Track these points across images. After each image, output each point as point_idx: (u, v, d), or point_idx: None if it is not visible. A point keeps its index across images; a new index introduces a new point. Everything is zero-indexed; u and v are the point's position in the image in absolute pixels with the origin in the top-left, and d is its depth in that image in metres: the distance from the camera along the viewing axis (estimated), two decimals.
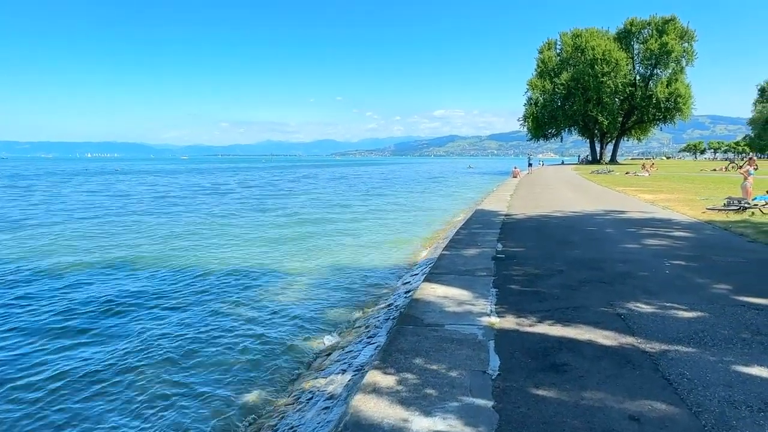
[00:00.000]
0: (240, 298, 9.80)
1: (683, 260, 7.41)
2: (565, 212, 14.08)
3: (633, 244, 8.92)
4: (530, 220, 12.79)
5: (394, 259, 13.04)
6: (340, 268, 12.11)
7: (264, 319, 8.65)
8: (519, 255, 8.18)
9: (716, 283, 6.10)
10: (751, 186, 15.97)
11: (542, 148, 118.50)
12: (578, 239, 9.52)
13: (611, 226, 11.27)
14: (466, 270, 7.30)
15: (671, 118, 77.08)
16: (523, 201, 18.17)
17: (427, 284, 6.54)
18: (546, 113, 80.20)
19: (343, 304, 9.57)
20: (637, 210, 14.29)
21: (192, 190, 38.08)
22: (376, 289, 10.47)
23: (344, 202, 28.40)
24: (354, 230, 17.57)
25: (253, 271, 11.84)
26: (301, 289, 10.44)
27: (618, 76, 74.61)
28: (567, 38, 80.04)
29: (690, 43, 74.71)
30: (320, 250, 14.26)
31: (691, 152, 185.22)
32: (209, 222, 19.51)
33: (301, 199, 29.73)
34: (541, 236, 10.04)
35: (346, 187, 41.34)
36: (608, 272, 6.78)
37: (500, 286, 6.24)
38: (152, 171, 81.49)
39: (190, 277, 11.32)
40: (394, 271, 11.73)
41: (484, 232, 10.88)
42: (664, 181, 30.36)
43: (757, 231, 9.72)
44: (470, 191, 36.03)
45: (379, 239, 15.82)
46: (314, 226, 18.47)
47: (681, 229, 10.50)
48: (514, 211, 14.72)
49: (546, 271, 6.93)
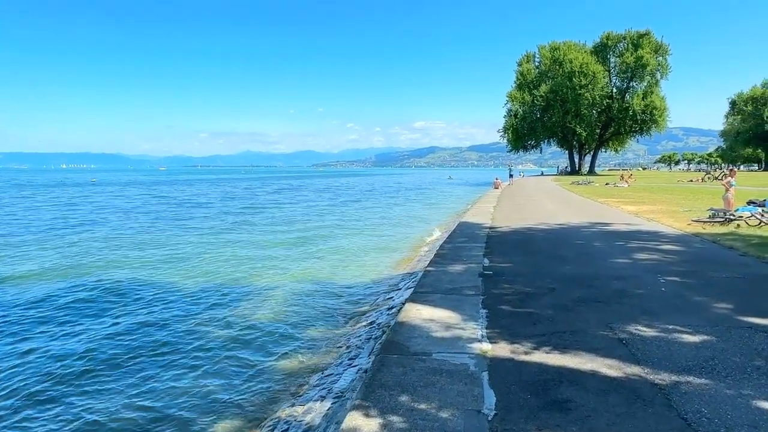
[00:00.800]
0: (214, 315, 9.25)
1: (678, 276, 7.11)
2: (551, 225, 13.81)
3: (624, 258, 8.63)
4: (516, 233, 12.47)
5: (377, 272, 12.61)
6: (321, 283, 11.64)
7: (239, 338, 8.12)
8: (507, 271, 7.80)
9: (716, 302, 5.78)
10: (733, 197, 15.96)
11: (522, 159, 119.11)
12: (567, 254, 9.19)
13: (599, 239, 11.00)
14: (453, 288, 6.88)
15: (647, 129, 78.61)
16: (506, 213, 17.91)
17: (412, 305, 6.10)
18: (525, 125, 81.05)
19: (323, 321, 9.09)
20: (623, 222, 14.10)
21: (166, 201, 37.10)
22: (357, 306, 10.02)
23: (326, 213, 27.88)
24: (336, 243, 17.09)
25: (230, 287, 11.28)
26: (280, 305, 9.92)
27: (595, 88, 75.87)
28: (545, 51, 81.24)
29: (664, 57, 76.54)
30: (300, 263, 13.75)
31: (666, 163, 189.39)
32: (182, 235, 18.80)
33: (282, 212, 29.10)
34: (529, 250, 9.69)
35: (328, 198, 40.82)
36: (603, 290, 6.42)
37: (490, 307, 5.83)
38: (128, 182, 79.72)
39: (161, 293, 10.71)
40: (377, 286, 11.29)
41: (470, 246, 10.50)
42: (643, 192, 30.55)
43: (746, 244, 9.52)
44: (452, 202, 35.84)
45: (361, 252, 15.38)
46: (294, 239, 17.93)
47: (670, 242, 10.27)
48: (498, 224, 14.41)
49: (537, 290, 6.55)
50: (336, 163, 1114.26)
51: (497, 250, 9.79)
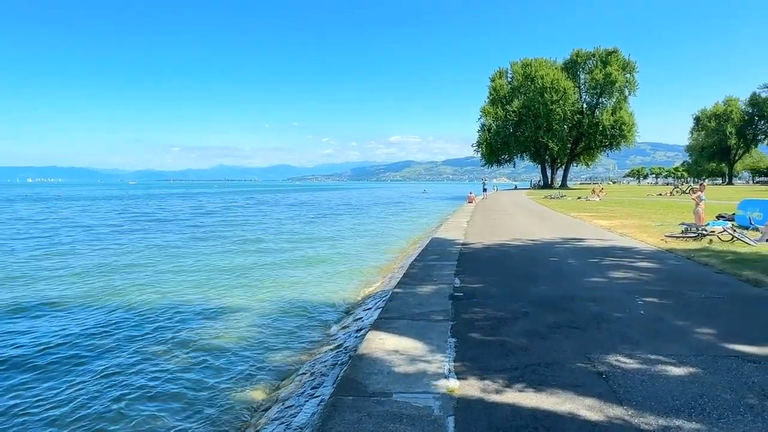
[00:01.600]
0: (172, 339, 8.55)
1: (656, 297, 6.78)
2: (524, 241, 13.51)
3: (599, 277, 8.30)
4: (489, 249, 12.10)
5: (348, 291, 12.03)
6: (289, 302, 11.00)
7: (197, 365, 7.46)
8: (479, 292, 7.36)
9: (698, 326, 5.43)
10: (703, 211, 15.98)
11: (495, 173, 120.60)
12: (541, 272, 8.82)
13: (573, 256, 10.69)
14: (421, 313, 6.39)
15: (617, 144, 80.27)
16: (480, 228, 17.59)
17: (375, 334, 5.58)
18: (499, 139, 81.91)
19: (289, 344, 8.48)
20: (596, 237, 13.89)
21: (132, 216, 35.81)
22: (325, 327, 9.44)
23: (298, 228, 27.18)
24: (307, 260, 16.45)
25: (191, 308, 10.55)
26: (243, 328, 9.26)
27: (566, 104, 77.34)
28: (517, 67, 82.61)
29: (632, 74, 78.59)
30: (269, 281, 13.07)
31: (635, 177, 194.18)
32: (145, 253, 17.90)
33: (252, 227, 28.27)
34: (502, 269, 9.30)
35: (301, 213, 40.05)
36: (579, 314, 6.03)
37: (459, 335, 5.37)
38: (96, 197, 77.24)
39: (114, 315, 9.93)
40: (347, 306, 10.72)
41: (441, 265, 10.06)
42: (615, 206, 30.79)
43: (721, 261, 9.33)
44: (426, 216, 35.51)
45: (331, 269, 14.79)
46: (263, 256, 17.22)
47: (644, 259, 10.02)
48: (471, 240, 14.04)
49: (510, 314, 6.12)
50: (311, 177, 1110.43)
51: (469, 269, 9.38)
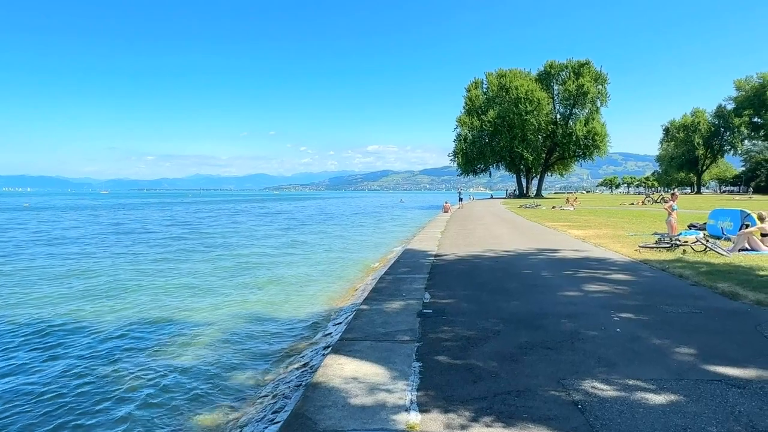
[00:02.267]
0: (125, 358, 7.92)
1: (632, 312, 6.49)
2: (498, 252, 13.22)
3: (573, 290, 7.99)
4: (461, 261, 11.76)
5: (319, 305, 11.48)
6: (256, 318, 10.41)
7: (154, 386, 6.87)
8: (449, 309, 6.97)
9: (677, 345, 5.13)
10: (676, 221, 15.99)
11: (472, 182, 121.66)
12: (514, 286, 8.49)
13: (547, 268, 10.42)
14: (386, 333, 5.96)
15: (590, 154, 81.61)
16: (454, 239, 17.29)
17: (334, 358, 5.12)
18: (475, 149, 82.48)
19: (252, 363, 7.91)
20: (570, 248, 13.69)
21: (101, 227, 34.52)
22: (293, 343, 8.90)
23: (270, 239, 26.46)
24: (277, 272, 15.84)
25: (150, 324, 9.89)
26: (205, 345, 8.66)
27: (540, 114, 78.40)
28: (492, 78, 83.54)
29: (603, 85, 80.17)
30: (236, 295, 12.44)
31: (608, 186, 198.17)
32: (103, 265, 17.05)
33: (223, 238, 27.46)
34: (474, 283, 8.94)
35: (276, 223, 39.26)
36: (552, 332, 5.68)
37: (425, 358, 4.95)
38: (65, 207, 74.70)
39: (67, 332, 9.22)
40: (316, 320, 10.18)
41: (411, 278, 9.65)
42: (589, 215, 30.95)
43: (696, 272, 9.14)
44: (401, 226, 35.12)
45: (303, 283, 14.21)
46: (233, 268, 16.54)
47: (619, 271, 9.79)
48: (444, 251, 13.70)
49: (480, 333, 5.73)
50: (289, 186, 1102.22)
51: (440, 283, 8.99)
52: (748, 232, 11.61)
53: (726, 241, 12.58)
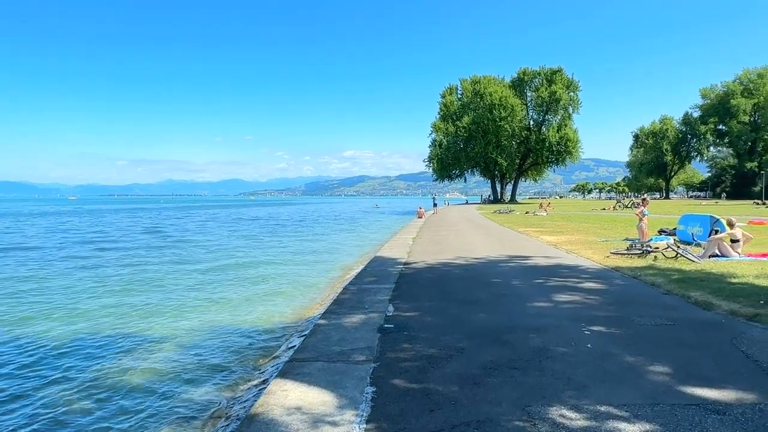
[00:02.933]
0: (71, 376, 7.21)
1: (603, 325, 6.14)
2: (469, 259, 12.86)
3: (543, 301, 7.63)
4: (431, 269, 11.34)
5: (284, 316, 10.84)
6: (218, 331, 9.70)
7: (94, 412, 6.21)
8: (412, 323, 6.52)
9: (651, 362, 4.77)
10: (647, 227, 15.92)
11: (448, 188, 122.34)
12: (483, 296, 8.10)
13: (517, 276, 10.07)
14: (341, 352, 5.47)
15: (563, 160, 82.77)
16: (425, 245, 16.90)
17: (280, 384, 4.61)
18: (450, 155, 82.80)
19: (209, 380, 7.26)
20: (542, 255, 13.43)
21: (64, 234, 33.06)
22: (254, 359, 8.30)
23: (240, 247, 25.63)
24: (244, 281, 15.07)
25: (102, 338, 9.14)
26: (161, 361, 7.99)
27: (514, 120, 79.17)
28: (467, 84, 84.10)
29: (575, 92, 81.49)
30: (198, 307, 11.69)
31: (580, 192, 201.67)
32: (58, 274, 16.09)
33: (189, 246, 26.51)
34: (441, 293, 8.52)
35: (248, 230, 38.30)
36: (520, 349, 5.27)
37: (380, 382, 4.48)
38: (29, 213, 71.80)
39: (10, 347, 8.43)
40: (280, 333, 9.56)
41: (377, 288, 9.18)
42: (561, 220, 31.03)
43: (668, 280, 8.91)
44: (374, 232, 34.62)
45: (270, 292, 13.48)
46: (196, 278, 15.73)
47: (590, 279, 9.50)
48: (414, 259, 13.28)
49: (443, 351, 5.29)
50: (264, 191, 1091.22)
51: (406, 293, 8.55)
52: (719, 239, 11.51)
53: (696, 247, 12.49)
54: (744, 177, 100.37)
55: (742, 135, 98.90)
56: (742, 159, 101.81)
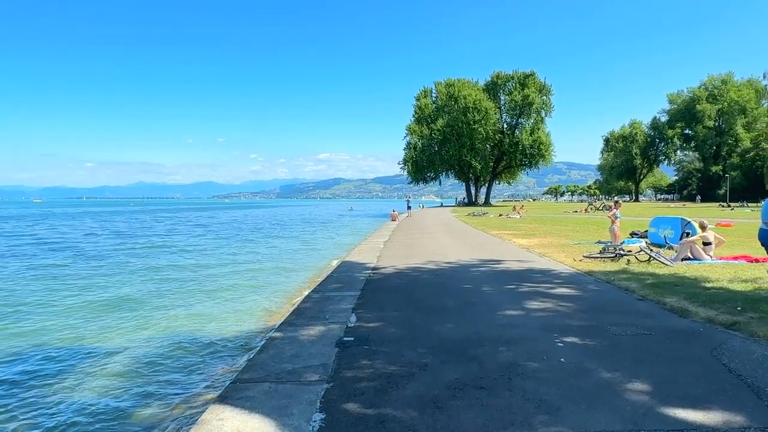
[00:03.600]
0: (13, 394, 6.48)
1: (577, 335, 5.75)
2: (440, 264, 12.44)
3: (514, 309, 7.23)
4: (399, 275, 10.87)
5: (248, 324, 10.19)
6: (178, 342, 8.97)
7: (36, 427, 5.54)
8: (374, 335, 6.03)
9: (629, 378, 4.37)
10: (619, 229, 15.80)
11: (423, 190, 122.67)
12: (451, 304, 7.66)
13: (488, 281, 9.68)
14: (292, 371, 4.93)
15: (535, 163, 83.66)
16: (396, 249, 16.44)
17: (216, 411, 4.04)
18: (425, 157, 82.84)
19: (162, 396, 6.64)
20: (514, 258, 13.11)
21: (20, 239, 31.49)
22: (213, 372, 7.67)
23: (209, 252, 24.72)
24: (210, 289, 14.29)
25: (53, 350, 8.39)
26: (114, 375, 7.30)
27: (488, 123, 79.68)
28: (441, 87, 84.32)
29: (547, 96, 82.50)
30: (158, 316, 10.93)
31: (553, 195, 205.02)
32: (7, 281, 15.05)
33: (156, 252, 25.47)
34: (408, 300, 8.05)
35: (219, 235, 37.22)
36: (488, 365, 4.82)
37: (331, 407, 3.96)
38: None
39: None
40: (242, 344, 8.92)
41: (341, 296, 8.66)
42: (534, 223, 31.01)
43: (642, 285, 8.63)
44: (347, 235, 34.03)
45: (235, 300, 12.80)
46: (159, 285, 14.85)
47: (563, 284, 9.17)
48: (383, 263, 12.80)
49: (404, 368, 4.81)
50: (238, 194, 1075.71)
51: (371, 301, 8.05)
52: (691, 241, 11.36)
53: (669, 250, 12.34)
54: (709, 180, 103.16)
55: (708, 139, 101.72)
56: (707, 163, 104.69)
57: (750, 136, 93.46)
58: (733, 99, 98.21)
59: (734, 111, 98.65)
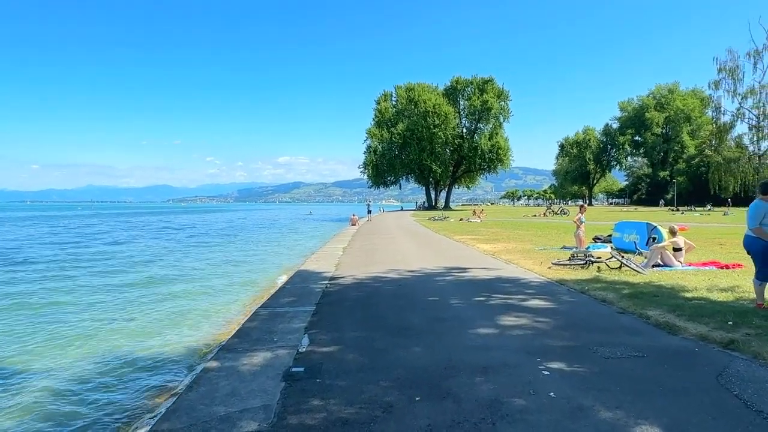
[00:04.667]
0: None
1: (562, 360, 5.02)
2: (402, 273, 11.62)
3: (488, 326, 6.47)
4: (359, 286, 9.98)
5: (183, 348, 9.03)
6: (110, 365, 7.74)
7: None
8: (329, 364, 5.11)
9: (635, 421, 3.62)
10: (584, 234, 15.45)
11: (384, 195, 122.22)
12: (418, 321, 6.82)
13: (456, 292, 8.92)
14: (226, 416, 3.96)
15: (494, 167, 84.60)
16: (356, 256, 15.54)
17: None
18: (385, 161, 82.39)
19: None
20: (481, 266, 12.45)
21: None
22: (145, 399, 6.52)
23: (153, 261, 22.99)
24: (150, 301, 12.93)
25: None
26: (33, 404, 6.05)
27: (448, 128, 80.00)
28: (401, 91, 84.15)
29: (505, 102, 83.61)
30: (89, 335, 9.56)
31: (510, 199, 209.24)
32: None
33: (93, 260, 23.54)
34: (369, 317, 7.17)
35: (166, 240, 35.16)
36: (465, 404, 3.99)
37: None
38: None
39: None
40: (165, 381, 7.80)
41: (293, 313, 7.69)
42: (495, 227, 30.76)
43: (618, 295, 8.06)
44: (306, 239, 32.78)
45: (177, 315, 11.55)
46: (93, 298, 13.34)
47: (535, 295, 8.51)
48: (342, 272, 11.88)
49: (364, 410, 3.92)
50: (195, 198, 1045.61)
51: (327, 319, 7.13)
52: (662, 247, 10.99)
53: (639, 256, 11.97)
54: (657, 185, 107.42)
55: (656, 146, 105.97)
56: (655, 168, 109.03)
57: (695, 143, 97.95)
58: (679, 107, 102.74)
59: (680, 119, 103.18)
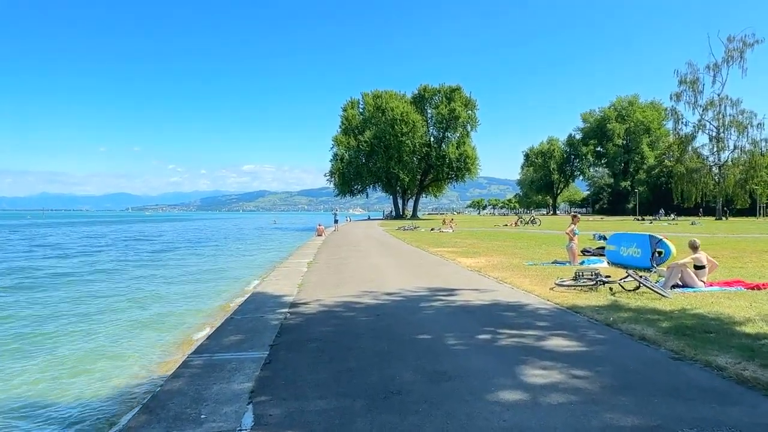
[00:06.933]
0: None
1: None
2: (379, 296, 9.68)
3: (511, 388, 4.59)
4: (327, 317, 7.99)
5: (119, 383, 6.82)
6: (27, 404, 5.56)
7: None
8: None
9: None
10: (577, 247, 13.93)
11: (350, 203, 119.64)
12: (410, 378, 4.89)
13: (451, 327, 7.04)
14: None
15: (462, 176, 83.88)
16: (322, 274, 13.52)
17: None
18: (352, 169, 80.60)
19: None
20: (470, 287, 10.63)
21: None
22: None
23: (96, 279, 20.23)
24: (85, 326, 10.51)
25: None
26: None
27: (415, 136, 78.86)
28: (369, 98, 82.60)
29: (473, 111, 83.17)
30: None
31: (475, 208, 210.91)
32: None
33: (22, 277, 20.59)
34: (343, 372, 5.18)
35: (117, 254, 32.01)
36: None
37: None
38: None
39: None
40: (112, 407, 5.59)
41: (237, 363, 5.63)
42: (470, 238, 29.21)
43: (657, 330, 6.34)
44: (268, 252, 30.38)
45: (106, 347, 9.22)
46: (17, 325, 10.82)
47: (551, 330, 6.71)
48: (306, 296, 9.86)
49: None
50: (156, 206, 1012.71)
51: (283, 375, 5.12)
52: (683, 265, 9.45)
53: (653, 274, 10.39)
54: (619, 194, 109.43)
55: (617, 156, 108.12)
56: (617, 178, 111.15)
57: (654, 154, 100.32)
58: (639, 119, 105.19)
59: (640, 130, 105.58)
